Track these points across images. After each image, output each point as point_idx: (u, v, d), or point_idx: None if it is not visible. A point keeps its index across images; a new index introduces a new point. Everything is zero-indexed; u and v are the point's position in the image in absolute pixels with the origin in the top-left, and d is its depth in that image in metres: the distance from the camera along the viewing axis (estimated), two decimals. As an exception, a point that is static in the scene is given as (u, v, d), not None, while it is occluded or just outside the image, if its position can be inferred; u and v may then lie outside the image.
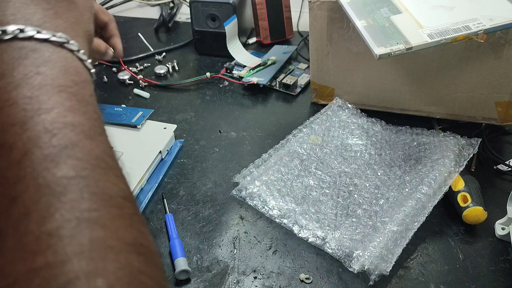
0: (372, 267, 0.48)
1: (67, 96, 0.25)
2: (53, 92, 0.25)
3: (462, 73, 0.63)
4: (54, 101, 0.24)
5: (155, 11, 1.06)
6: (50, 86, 0.25)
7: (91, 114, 0.27)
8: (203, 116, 0.74)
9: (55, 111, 0.24)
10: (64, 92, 0.25)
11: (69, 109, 0.25)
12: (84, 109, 0.26)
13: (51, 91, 0.25)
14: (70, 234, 0.21)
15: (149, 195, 0.60)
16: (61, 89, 0.25)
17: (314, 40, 0.69)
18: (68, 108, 0.25)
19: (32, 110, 0.24)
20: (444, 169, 0.57)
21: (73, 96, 0.25)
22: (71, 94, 0.25)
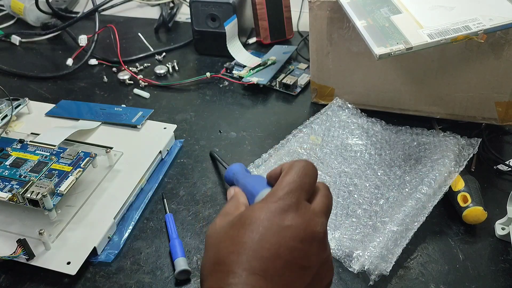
0: (372, 267, 0.48)
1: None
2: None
3: (462, 73, 0.63)
4: None
5: (155, 11, 1.06)
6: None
7: None
8: (203, 116, 0.74)
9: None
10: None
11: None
12: None
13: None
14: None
15: (149, 195, 0.60)
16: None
17: (314, 40, 0.69)
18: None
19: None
20: (444, 169, 0.57)
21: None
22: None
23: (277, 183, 0.34)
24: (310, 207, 0.34)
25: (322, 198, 0.36)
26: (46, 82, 0.84)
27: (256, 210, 0.33)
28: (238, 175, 0.47)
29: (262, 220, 0.32)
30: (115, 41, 0.89)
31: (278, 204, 0.33)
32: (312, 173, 0.36)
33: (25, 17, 1.01)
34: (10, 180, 0.54)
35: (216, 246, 0.33)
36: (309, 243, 0.32)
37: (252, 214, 0.33)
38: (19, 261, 0.49)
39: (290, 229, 0.32)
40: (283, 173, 0.36)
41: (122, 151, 0.62)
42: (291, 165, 0.36)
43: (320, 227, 0.33)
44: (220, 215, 0.36)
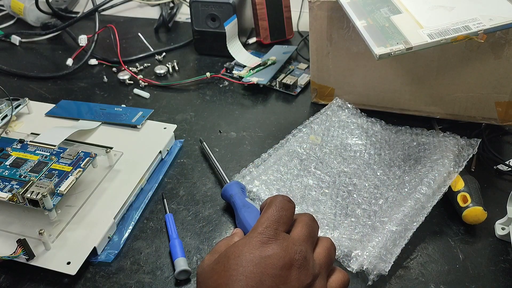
0: (371, 267, 0.48)
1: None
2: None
3: (462, 73, 0.63)
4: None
5: (155, 11, 1.06)
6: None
7: None
8: (203, 116, 0.74)
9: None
10: None
11: None
12: None
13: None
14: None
15: (149, 195, 0.60)
16: None
17: (314, 40, 0.69)
18: None
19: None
20: (443, 169, 0.57)
21: None
22: None
23: (258, 220, 0.39)
24: (288, 237, 0.38)
25: (301, 227, 0.40)
26: (46, 82, 0.84)
27: (239, 245, 0.37)
28: (236, 200, 0.55)
29: (244, 253, 0.36)
30: (115, 41, 0.89)
31: (259, 237, 0.37)
32: (288, 206, 0.40)
33: (25, 17, 1.01)
34: (10, 180, 0.54)
35: (205, 282, 0.37)
36: (288, 269, 0.35)
37: (236, 249, 0.37)
38: (19, 261, 0.49)
39: (270, 258, 0.35)
40: (264, 209, 0.40)
41: (122, 151, 0.62)
42: (270, 201, 0.40)
43: (298, 254, 0.36)
44: (209, 253, 0.40)
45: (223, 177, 0.60)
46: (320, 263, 0.39)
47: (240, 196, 0.55)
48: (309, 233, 0.40)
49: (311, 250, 0.39)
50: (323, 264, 0.39)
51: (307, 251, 0.38)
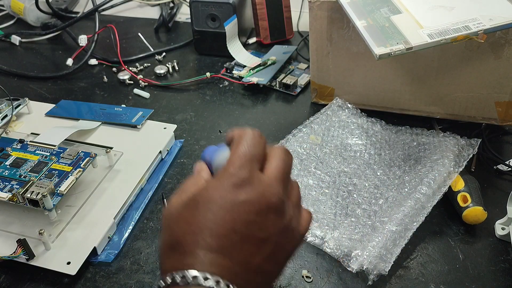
0: (371, 267, 0.48)
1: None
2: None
3: (462, 73, 0.63)
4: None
5: (155, 11, 1.06)
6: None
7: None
8: (203, 116, 0.74)
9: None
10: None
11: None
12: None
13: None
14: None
15: (149, 195, 0.60)
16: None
17: (314, 40, 0.69)
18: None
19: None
20: (443, 169, 0.57)
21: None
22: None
23: (229, 159, 0.34)
24: (264, 177, 0.33)
25: (276, 164, 0.34)
26: (46, 82, 0.84)
27: (209, 189, 0.32)
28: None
29: (215, 199, 0.31)
30: (115, 41, 0.89)
31: (231, 180, 0.32)
32: (260, 141, 0.35)
33: (25, 17, 1.01)
34: (10, 180, 0.54)
35: (171, 228, 0.33)
36: (265, 215, 0.32)
37: (206, 193, 0.32)
38: (19, 261, 0.49)
39: (245, 204, 0.31)
40: (233, 146, 0.34)
41: (122, 151, 0.62)
42: (239, 137, 0.35)
43: (275, 197, 0.32)
44: (177, 193, 0.35)
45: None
46: (294, 201, 0.35)
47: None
48: (284, 170, 0.35)
49: (287, 190, 0.35)
50: (296, 203, 0.36)
51: (284, 192, 0.34)
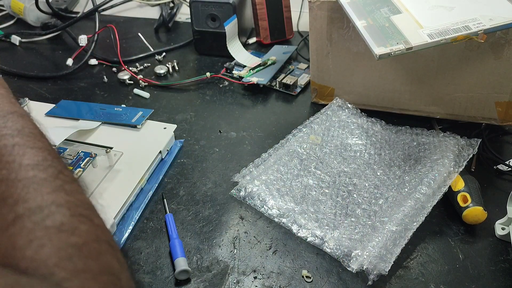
0: (371, 267, 0.48)
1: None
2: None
3: (462, 73, 0.63)
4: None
5: (155, 11, 1.06)
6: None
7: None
8: (203, 116, 0.74)
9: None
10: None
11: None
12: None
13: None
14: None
15: (149, 195, 0.60)
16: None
17: (314, 40, 0.69)
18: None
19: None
20: (443, 169, 0.57)
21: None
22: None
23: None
24: None
25: None
26: (46, 82, 0.84)
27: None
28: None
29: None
30: (115, 41, 0.89)
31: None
32: None
33: (25, 17, 1.01)
34: (10, 180, 0.54)
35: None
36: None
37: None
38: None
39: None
40: None
41: (122, 151, 0.62)
42: None
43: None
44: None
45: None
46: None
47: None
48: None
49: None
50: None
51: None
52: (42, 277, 0.25)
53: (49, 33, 0.95)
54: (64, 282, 0.24)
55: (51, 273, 0.25)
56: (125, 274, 0.28)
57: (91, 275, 0.25)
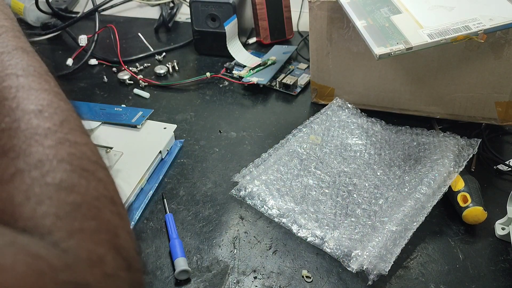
0: (371, 267, 0.48)
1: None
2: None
3: (462, 73, 0.63)
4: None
5: (155, 11, 1.06)
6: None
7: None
8: (203, 116, 0.74)
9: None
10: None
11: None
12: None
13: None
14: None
15: (149, 195, 0.60)
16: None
17: (314, 40, 0.69)
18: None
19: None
20: (443, 169, 0.57)
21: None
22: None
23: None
24: None
25: None
26: (46, 82, 0.84)
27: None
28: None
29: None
30: (115, 41, 0.89)
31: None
32: None
33: (25, 17, 1.01)
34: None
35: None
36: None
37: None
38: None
39: None
40: None
41: (122, 151, 0.62)
42: None
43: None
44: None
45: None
46: None
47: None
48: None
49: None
50: None
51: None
52: (40, 236, 0.24)
53: (49, 33, 0.94)
54: (60, 242, 0.24)
55: (48, 232, 0.24)
56: (124, 231, 0.27)
57: (89, 234, 0.25)
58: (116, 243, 0.26)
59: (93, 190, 0.27)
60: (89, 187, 0.27)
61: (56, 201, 0.25)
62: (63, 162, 0.27)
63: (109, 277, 0.24)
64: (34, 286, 0.20)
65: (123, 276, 0.25)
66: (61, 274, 0.22)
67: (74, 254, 0.23)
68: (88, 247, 0.24)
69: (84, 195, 0.26)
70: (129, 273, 0.26)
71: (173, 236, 0.53)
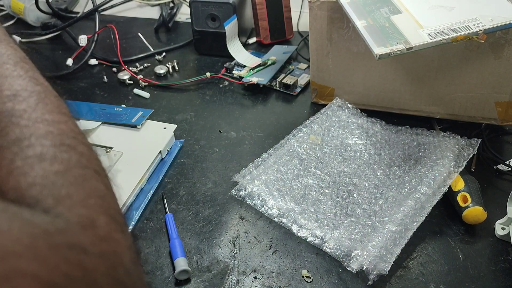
0: (371, 267, 0.48)
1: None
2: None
3: (462, 73, 0.63)
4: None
5: (155, 11, 1.06)
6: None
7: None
8: (203, 116, 0.74)
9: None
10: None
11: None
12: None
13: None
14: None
15: (149, 195, 0.60)
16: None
17: (314, 40, 0.69)
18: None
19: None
20: (443, 169, 0.57)
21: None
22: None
23: None
24: None
25: None
26: (46, 82, 0.84)
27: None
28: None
29: None
30: (115, 41, 0.89)
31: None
32: None
33: (25, 17, 1.01)
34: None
35: None
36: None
37: None
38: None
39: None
40: None
41: (122, 151, 0.62)
42: None
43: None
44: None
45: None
46: None
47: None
48: None
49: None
50: None
51: None
52: (28, 206, 0.24)
53: (49, 33, 0.94)
54: (50, 209, 0.24)
55: (36, 201, 0.24)
56: (113, 198, 0.28)
57: (77, 200, 0.25)
58: (106, 208, 0.26)
59: (75, 162, 0.27)
60: (71, 158, 0.27)
61: (40, 171, 0.26)
62: (42, 138, 0.27)
63: (103, 239, 0.24)
64: (30, 249, 0.20)
65: (118, 238, 0.25)
66: (55, 237, 0.22)
67: (65, 218, 0.24)
68: (78, 212, 0.24)
69: (67, 165, 0.27)
70: (124, 236, 0.26)
71: (173, 236, 0.54)
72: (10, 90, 0.30)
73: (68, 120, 0.31)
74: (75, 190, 0.25)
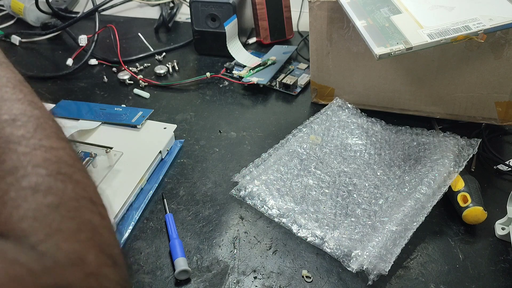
0: (371, 267, 0.48)
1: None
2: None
3: (462, 73, 0.63)
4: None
5: (155, 11, 1.06)
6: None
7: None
8: (203, 116, 0.74)
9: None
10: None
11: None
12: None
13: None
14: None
15: (149, 195, 0.60)
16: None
17: (314, 40, 0.69)
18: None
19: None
20: (443, 169, 0.57)
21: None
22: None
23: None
24: None
25: None
26: (46, 82, 0.84)
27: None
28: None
29: None
30: (115, 41, 0.89)
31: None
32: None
33: (25, 17, 1.01)
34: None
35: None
36: None
37: None
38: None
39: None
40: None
41: (122, 151, 0.62)
42: None
43: None
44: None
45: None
46: None
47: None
48: None
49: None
50: None
51: None
52: (17, 239, 0.24)
53: (49, 33, 0.95)
54: (38, 244, 0.24)
55: (25, 235, 0.24)
56: (106, 230, 0.27)
57: (68, 234, 0.25)
58: (98, 241, 0.26)
59: (70, 192, 0.27)
60: (66, 189, 0.27)
61: (33, 203, 0.25)
62: (38, 167, 0.27)
63: (92, 275, 0.24)
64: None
65: (108, 273, 0.25)
66: (41, 278, 0.22)
67: (53, 256, 0.23)
68: (67, 247, 0.24)
69: (61, 197, 0.26)
70: (115, 269, 0.25)
71: (173, 236, 0.54)
72: (8, 114, 0.29)
73: (66, 146, 0.30)
74: (67, 224, 0.25)
